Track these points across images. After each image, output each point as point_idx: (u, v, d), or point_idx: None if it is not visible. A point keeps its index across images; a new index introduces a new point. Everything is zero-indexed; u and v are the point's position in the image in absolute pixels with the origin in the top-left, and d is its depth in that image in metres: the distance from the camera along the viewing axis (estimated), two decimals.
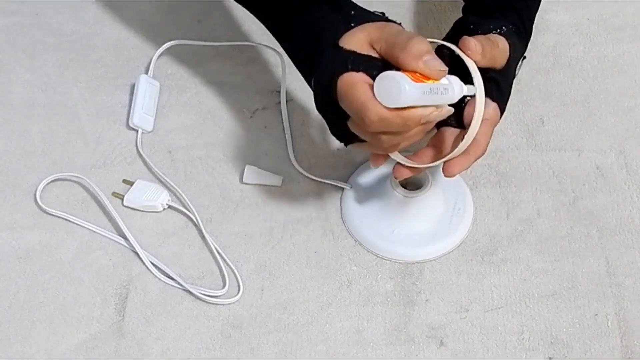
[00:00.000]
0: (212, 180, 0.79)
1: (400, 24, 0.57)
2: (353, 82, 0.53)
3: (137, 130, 0.82)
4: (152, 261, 0.72)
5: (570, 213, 0.75)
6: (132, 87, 0.85)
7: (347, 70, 0.54)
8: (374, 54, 0.55)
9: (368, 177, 0.76)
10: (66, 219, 0.75)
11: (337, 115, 0.57)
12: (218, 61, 0.88)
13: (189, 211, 0.75)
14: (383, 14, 0.59)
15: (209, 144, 0.81)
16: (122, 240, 0.74)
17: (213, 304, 0.70)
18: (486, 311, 0.69)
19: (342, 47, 0.55)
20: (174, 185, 0.77)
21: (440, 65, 0.53)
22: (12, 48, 0.91)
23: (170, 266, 0.72)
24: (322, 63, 0.56)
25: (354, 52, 0.54)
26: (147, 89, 0.83)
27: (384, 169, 0.77)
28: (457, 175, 0.74)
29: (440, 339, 0.68)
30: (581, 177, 0.78)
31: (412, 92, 0.51)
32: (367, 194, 0.75)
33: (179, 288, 0.71)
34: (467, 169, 0.61)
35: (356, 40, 0.55)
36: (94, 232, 0.74)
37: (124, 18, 0.93)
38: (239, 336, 0.68)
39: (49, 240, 0.74)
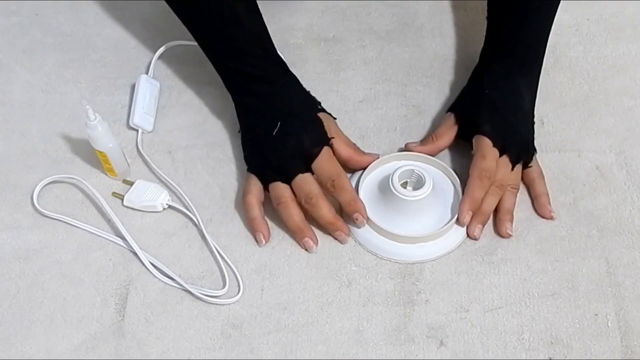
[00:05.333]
0: (212, 180, 0.78)
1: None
2: (331, 155, 0.73)
3: (137, 130, 0.82)
4: (152, 261, 0.72)
5: (570, 213, 0.75)
6: (132, 87, 0.85)
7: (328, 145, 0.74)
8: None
9: (368, 178, 0.76)
10: (64, 221, 0.75)
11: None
12: None
13: (189, 211, 0.75)
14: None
15: (209, 144, 0.81)
16: (121, 241, 0.74)
17: (213, 304, 0.70)
18: (486, 311, 0.69)
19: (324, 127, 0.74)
20: (174, 185, 0.77)
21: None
22: (12, 48, 0.91)
23: (170, 266, 0.72)
24: (307, 130, 0.74)
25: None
26: (147, 89, 0.83)
27: (385, 170, 0.77)
28: (456, 177, 0.75)
29: (440, 339, 0.68)
30: (581, 178, 0.78)
31: None
32: (367, 195, 0.75)
33: (179, 288, 0.71)
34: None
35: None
36: (93, 233, 0.74)
37: (124, 18, 0.93)
38: (239, 336, 0.68)
39: (49, 240, 0.74)
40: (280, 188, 0.72)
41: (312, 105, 0.76)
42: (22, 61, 0.89)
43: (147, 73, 0.86)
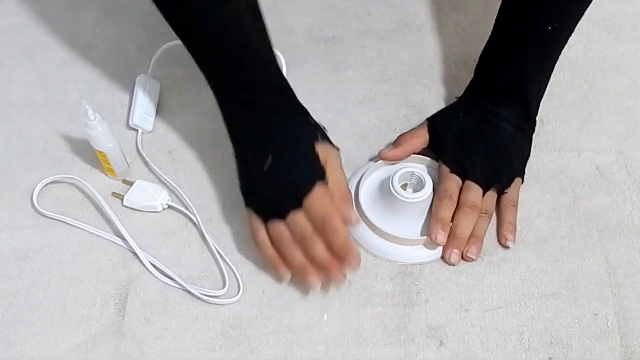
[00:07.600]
0: (212, 180, 0.79)
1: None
2: (324, 192, 0.68)
3: (137, 130, 0.82)
4: (152, 261, 0.72)
5: (570, 213, 0.75)
6: (132, 87, 0.85)
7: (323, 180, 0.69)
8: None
9: (369, 179, 0.76)
10: (64, 221, 0.75)
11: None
12: None
13: (189, 211, 0.75)
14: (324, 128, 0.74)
15: (209, 144, 0.81)
16: (121, 241, 0.74)
17: (213, 304, 0.70)
18: (486, 311, 0.69)
19: (319, 160, 0.70)
20: (174, 185, 0.77)
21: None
22: (12, 48, 0.91)
23: (170, 266, 0.72)
24: (300, 166, 0.69)
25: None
26: (147, 89, 0.83)
27: (385, 172, 0.77)
28: None
29: (440, 339, 0.68)
30: (581, 178, 0.78)
31: None
32: (368, 197, 0.75)
33: (179, 288, 0.71)
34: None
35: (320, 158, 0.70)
36: (93, 233, 0.74)
37: (124, 18, 0.93)
38: (239, 336, 0.68)
39: (48, 240, 0.74)
40: (279, 229, 0.68)
41: (310, 135, 0.71)
42: (22, 61, 0.89)
43: (147, 73, 0.86)
